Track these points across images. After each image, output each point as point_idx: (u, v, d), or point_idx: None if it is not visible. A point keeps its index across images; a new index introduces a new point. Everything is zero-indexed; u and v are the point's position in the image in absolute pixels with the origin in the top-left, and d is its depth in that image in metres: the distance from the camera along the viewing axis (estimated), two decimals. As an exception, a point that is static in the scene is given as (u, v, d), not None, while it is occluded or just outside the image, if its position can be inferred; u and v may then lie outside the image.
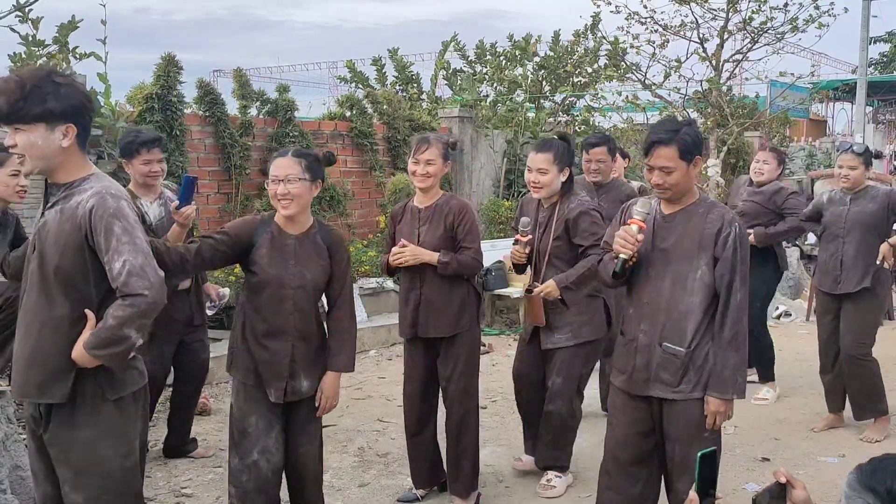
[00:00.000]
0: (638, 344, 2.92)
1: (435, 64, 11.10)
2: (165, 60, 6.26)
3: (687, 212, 2.87)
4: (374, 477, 4.13)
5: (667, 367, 2.85)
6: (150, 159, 3.95)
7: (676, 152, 2.78)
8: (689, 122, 2.88)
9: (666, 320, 2.85)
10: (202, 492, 3.91)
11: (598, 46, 10.30)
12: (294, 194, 2.89)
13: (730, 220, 2.81)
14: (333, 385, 3.03)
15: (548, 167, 3.68)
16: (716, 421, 2.82)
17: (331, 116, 8.23)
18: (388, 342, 6.82)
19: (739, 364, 2.81)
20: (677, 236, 2.86)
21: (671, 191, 2.82)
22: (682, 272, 2.83)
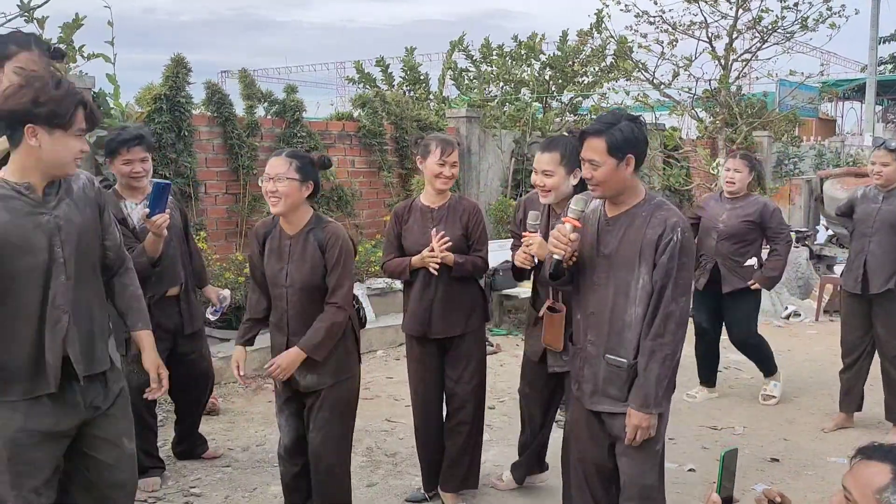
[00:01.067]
0: (586, 355, 2.79)
1: (442, 64, 11.10)
2: (174, 62, 6.26)
3: (629, 215, 2.69)
4: (382, 477, 4.13)
5: (613, 380, 2.71)
6: (130, 159, 3.73)
7: (605, 146, 2.59)
8: (633, 118, 2.67)
9: (610, 331, 2.70)
10: (211, 491, 3.92)
11: (605, 45, 10.28)
12: (282, 193, 3.01)
13: (672, 225, 2.59)
14: (288, 357, 3.07)
15: (554, 168, 3.33)
16: (637, 436, 2.64)
17: (339, 117, 8.24)
18: (395, 342, 6.82)
19: (661, 378, 2.61)
20: (619, 241, 2.68)
21: (600, 188, 2.65)
22: (624, 280, 2.67)
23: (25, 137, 2.26)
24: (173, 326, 3.94)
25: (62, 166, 2.34)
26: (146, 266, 3.61)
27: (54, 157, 2.31)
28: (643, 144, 2.67)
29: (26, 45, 3.42)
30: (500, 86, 10.24)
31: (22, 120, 2.24)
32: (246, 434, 4.73)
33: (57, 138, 2.28)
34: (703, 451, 4.53)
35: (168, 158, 6.09)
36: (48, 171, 2.34)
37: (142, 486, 3.87)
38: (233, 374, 3.33)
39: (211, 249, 6.36)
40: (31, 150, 2.27)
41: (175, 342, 3.96)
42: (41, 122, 2.25)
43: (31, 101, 2.23)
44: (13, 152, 2.31)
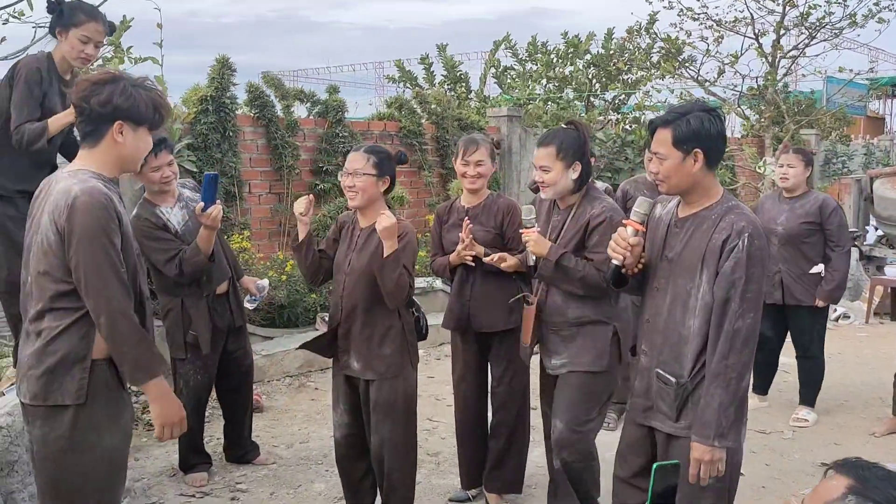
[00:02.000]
0: (640, 366, 2.63)
1: (484, 62, 11.08)
2: (219, 63, 6.35)
3: (699, 217, 2.47)
4: (425, 476, 4.13)
5: (663, 396, 2.51)
6: (158, 165, 3.68)
7: (670, 137, 2.41)
8: (707, 109, 2.46)
9: (664, 343, 2.51)
10: (256, 487, 3.96)
11: (653, 44, 10.16)
12: (359, 187, 3.12)
13: (739, 230, 2.35)
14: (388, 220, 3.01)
15: (550, 163, 3.07)
16: (700, 472, 2.37)
17: (380, 117, 8.27)
18: (436, 342, 6.82)
19: (726, 405, 2.34)
20: (683, 245, 2.48)
21: (665, 184, 2.47)
22: (683, 288, 2.46)
23: (112, 133, 2.28)
24: (226, 324, 3.95)
25: (136, 162, 2.39)
26: (204, 262, 3.64)
27: (135, 154, 2.35)
28: (716, 139, 2.44)
29: (94, 17, 3.60)
30: (543, 84, 10.18)
31: (112, 116, 2.26)
32: (289, 431, 4.77)
33: (140, 135, 2.32)
34: (751, 455, 4.45)
35: (213, 158, 6.17)
36: (124, 167, 2.38)
37: (189, 481, 3.94)
38: (276, 371, 3.36)
39: (254, 248, 6.43)
40: (114, 145, 2.30)
41: (227, 339, 3.99)
42: (131, 120, 2.28)
43: (126, 98, 2.26)
44: (90, 146, 2.31)
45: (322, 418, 4.91)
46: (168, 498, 3.84)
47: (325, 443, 4.45)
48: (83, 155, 2.33)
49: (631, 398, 2.69)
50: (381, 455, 3.22)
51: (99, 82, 2.28)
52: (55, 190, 2.25)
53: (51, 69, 3.65)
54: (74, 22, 3.58)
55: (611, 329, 3.09)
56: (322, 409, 5.07)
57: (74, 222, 2.17)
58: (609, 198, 3.20)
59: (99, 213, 2.19)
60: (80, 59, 3.66)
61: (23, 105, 3.54)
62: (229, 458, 4.22)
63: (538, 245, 3.03)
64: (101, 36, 3.65)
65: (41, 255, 2.24)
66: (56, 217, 2.20)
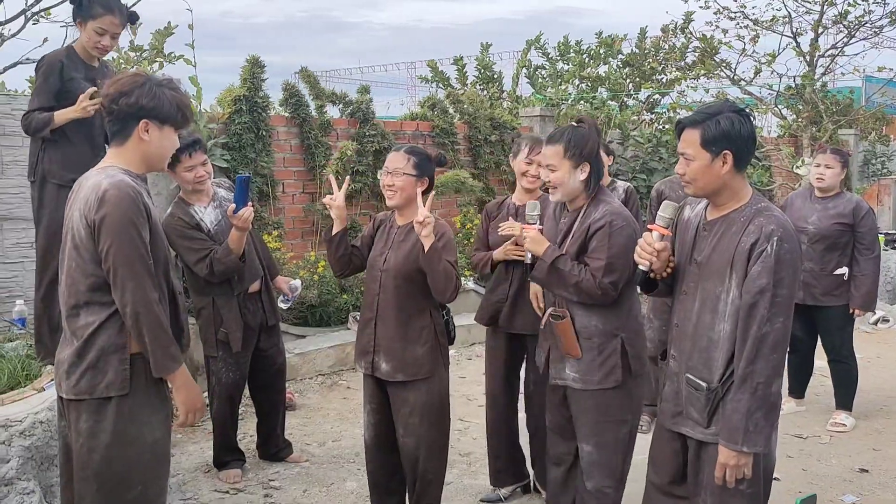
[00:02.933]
0: (668, 371, 2.58)
1: (517, 62, 11.04)
2: (250, 62, 6.40)
3: (727, 220, 2.43)
4: (457, 476, 4.13)
5: (693, 402, 2.47)
6: (192, 164, 3.70)
7: (699, 138, 2.36)
8: (738, 109, 2.41)
9: (693, 348, 2.47)
10: (289, 485, 3.99)
11: (688, 43, 10.05)
12: (398, 186, 3.15)
13: (769, 233, 2.30)
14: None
15: (557, 162, 2.91)
16: (726, 475, 2.36)
17: (412, 116, 8.28)
18: (467, 342, 6.82)
19: (752, 410, 2.31)
20: (712, 248, 2.43)
21: (692, 185, 2.43)
22: (712, 292, 2.42)
23: (138, 131, 2.34)
24: (259, 323, 3.97)
25: (163, 161, 2.44)
26: (236, 262, 3.67)
27: (160, 151, 2.40)
28: (746, 141, 2.38)
29: (110, 9, 3.68)
30: (575, 84, 10.12)
31: (137, 115, 2.33)
32: (321, 430, 4.79)
33: (165, 134, 2.38)
34: (787, 459, 4.38)
35: (247, 158, 6.22)
36: (150, 164, 2.43)
37: (223, 478, 3.98)
38: (309, 370, 3.37)
39: (286, 248, 6.48)
40: (140, 143, 2.36)
41: (259, 338, 4.00)
42: (156, 119, 2.34)
43: (151, 97, 2.33)
44: (118, 145, 2.38)
45: (354, 417, 4.93)
46: (203, 494, 3.88)
47: (356, 441, 4.46)
48: (111, 153, 2.40)
49: (660, 403, 2.65)
50: (416, 456, 3.21)
51: (126, 83, 2.35)
52: (85, 186, 2.31)
53: (75, 59, 3.76)
54: (91, 14, 3.68)
55: (619, 342, 2.90)
56: (354, 407, 5.09)
57: (104, 215, 2.23)
58: (617, 201, 3.02)
59: (127, 206, 2.24)
60: (97, 50, 3.75)
61: (36, 95, 3.75)
62: (262, 455, 4.25)
63: (535, 243, 2.93)
64: (117, 28, 3.73)
65: (73, 250, 2.30)
66: (86, 212, 2.26)
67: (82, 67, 3.71)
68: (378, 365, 3.20)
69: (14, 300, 5.04)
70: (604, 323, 2.90)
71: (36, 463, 3.19)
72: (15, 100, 5.30)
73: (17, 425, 3.14)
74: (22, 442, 3.13)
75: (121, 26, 3.74)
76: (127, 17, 3.77)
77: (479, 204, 8.22)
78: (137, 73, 2.43)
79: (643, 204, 7.85)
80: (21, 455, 3.11)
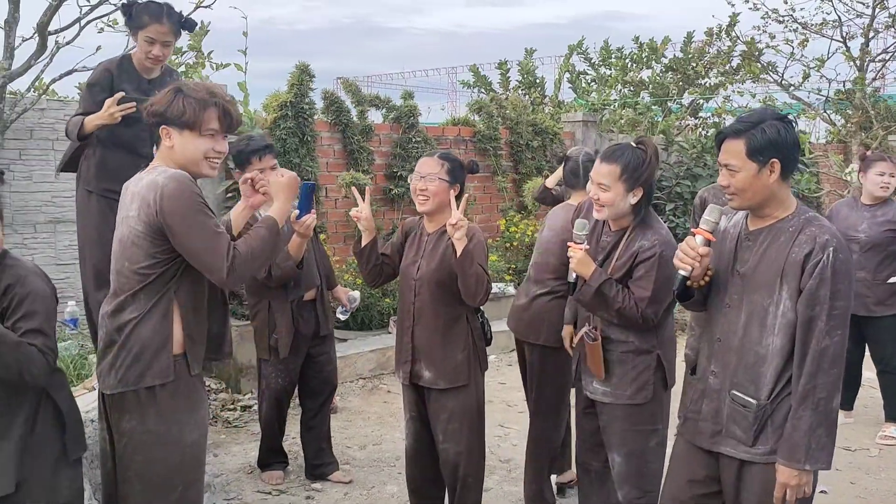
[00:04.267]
0: (707, 387, 2.46)
1: (559, 67, 11.01)
2: (299, 69, 6.49)
3: (774, 229, 2.34)
4: (497, 483, 4.13)
5: (737, 420, 2.36)
6: (262, 168, 3.64)
7: (744, 148, 2.28)
8: (781, 117, 2.34)
9: (739, 363, 2.37)
10: (330, 487, 4.03)
11: (733, 47, 9.90)
12: (430, 192, 3.15)
13: (823, 244, 2.22)
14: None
15: (611, 183, 2.82)
16: (786, 496, 2.26)
17: (454, 122, 8.31)
18: (508, 347, 6.80)
19: (816, 426, 2.22)
20: (758, 259, 2.34)
21: (738, 197, 2.34)
22: (760, 305, 2.31)
23: (164, 137, 2.44)
24: (311, 331, 3.94)
25: (194, 164, 2.46)
26: (292, 268, 3.67)
27: (186, 156, 2.45)
28: (792, 148, 2.31)
29: (158, 18, 3.63)
30: (618, 89, 10.05)
31: (158, 122, 2.43)
32: (362, 433, 4.83)
33: (188, 138, 2.43)
34: (835, 472, 4.28)
35: (292, 163, 6.30)
36: (185, 168, 2.46)
37: (266, 479, 4.03)
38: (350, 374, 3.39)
39: (329, 252, 6.54)
40: (167, 149, 2.45)
41: (310, 345, 3.98)
42: (173, 124, 2.42)
43: (164, 104, 2.42)
44: (158, 151, 2.49)
45: (394, 421, 4.96)
46: (246, 494, 3.94)
47: (397, 445, 4.48)
48: (157, 156, 2.51)
49: (694, 420, 2.50)
50: (457, 462, 3.21)
51: (160, 93, 2.45)
52: (142, 186, 2.38)
53: (128, 70, 3.73)
54: (140, 24, 3.62)
55: (654, 358, 2.89)
56: (394, 411, 5.11)
57: (169, 207, 2.30)
58: (665, 228, 2.94)
59: (189, 193, 2.33)
60: (149, 60, 3.70)
61: (81, 101, 3.79)
62: (307, 472, 4.11)
63: (582, 265, 2.83)
64: (166, 36, 3.67)
65: (127, 248, 2.37)
66: (146, 210, 2.32)
67: (135, 78, 3.68)
68: (419, 373, 3.20)
69: (66, 301, 5.17)
70: (641, 341, 2.90)
71: (86, 461, 3.25)
72: (67, 106, 5.46)
73: (69, 423, 3.21)
74: (73, 440, 3.20)
75: (171, 34, 3.68)
76: (179, 24, 3.72)
77: (521, 208, 8.21)
78: (172, 84, 2.51)
79: (686, 210, 7.76)
80: (72, 452, 3.18)
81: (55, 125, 5.40)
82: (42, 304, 2.34)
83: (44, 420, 2.39)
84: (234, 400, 5.33)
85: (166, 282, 2.36)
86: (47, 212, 5.40)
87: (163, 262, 2.35)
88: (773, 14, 9.57)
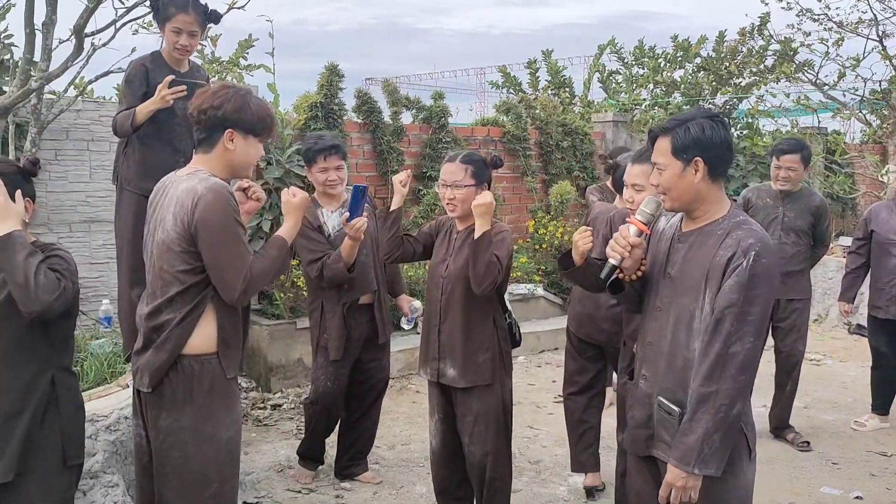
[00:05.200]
0: (638, 393, 2.41)
1: (589, 67, 10.94)
2: (328, 70, 6.52)
3: (703, 232, 2.28)
4: (526, 484, 4.11)
5: (665, 426, 2.29)
6: (327, 167, 3.75)
7: (669, 146, 2.25)
8: (712, 115, 2.29)
9: (668, 368, 2.30)
10: (360, 486, 4.03)
11: (767, 46, 9.77)
12: (459, 199, 3.14)
13: (746, 248, 2.15)
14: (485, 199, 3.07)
15: (644, 183, 2.83)
16: (671, 496, 2.20)
17: (483, 122, 8.30)
18: (536, 349, 6.79)
19: (711, 432, 2.14)
20: (686, 261, 2.29)
21: (667, 197, 2.29)
22: (687, 308, 2.26)
23: (223, 140, 2.44)
24: (364, 336, 3.87)
25: (247, 168, 2.53)
26: (343, 271, 3.62)
27: (244, 160, 2.49)
28: (719, 148, 2.25)
29: (184, 8, 3.67)
30: (649, 88, 9.96)
31: (223, 125, 2.42)
32: (391, 433, 4.83)
33: (250, 143, 2.47)
34: (871, 478, 4.21)
35: (322, 163, 6.32)
36: (234, 172, 2.52)
37: (296, 477, 4.05)
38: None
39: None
40: (225, 152, 2.45)
41: (362, 350, 3.90)
42: (241, 128, 2.43)
43: (235, 108, 2.42)
44: (204, 152, 2.48)
45: (423, 421, 4.95)
46: (276, 492, 3.96)
47: (425, 445, 4.46)
48: (197, 159, 2.50)
49: (630, 430, 2.47)
50: (483, 464, 3.21)
51: (214, 94, 2.44)
52: (179, 189, 2.40)
53: (160, 63, 3.77)
54: (166, 16, 3.67)
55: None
56: (422, 411, 5.11)
57: (204, 217, 2.32)
58: None
59: (226, 206, 2.35)
60: (177, 51, 3.73)
61: (122, 99, 3.81)
62: (336, 471, 4.09)
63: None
64: (192, 26, 3.70)
65: (164, 251, 2.39)
66: (181, 215, 2.34)
67: (168, 71, 3.73)
68: (444, 371, 3.21)
69: (100, 299, 5.24)
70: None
71: (120, 457, 3.30)
72: (103, 107, 5.53)
73: (104, 420, 3.27)
74: (107, 436, 3.25)
75: (197, 24, 3.72)
76: (204, 15, 3.75)
77: (548, 208, 8.17)
78: (225, 85, 2.52)
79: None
80: (106, 449, 3.23)
81: (90, 126, 5.48)
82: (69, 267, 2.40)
83: (51, 420, 2.42)
84: (264, 399, 5.37)
85: (203, 287, 2.39)
86: (82, 211, 5.48)
87: (196, 270, 2.37)
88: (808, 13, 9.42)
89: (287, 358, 5.62)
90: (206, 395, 2.40)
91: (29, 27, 4.19)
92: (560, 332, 7.00)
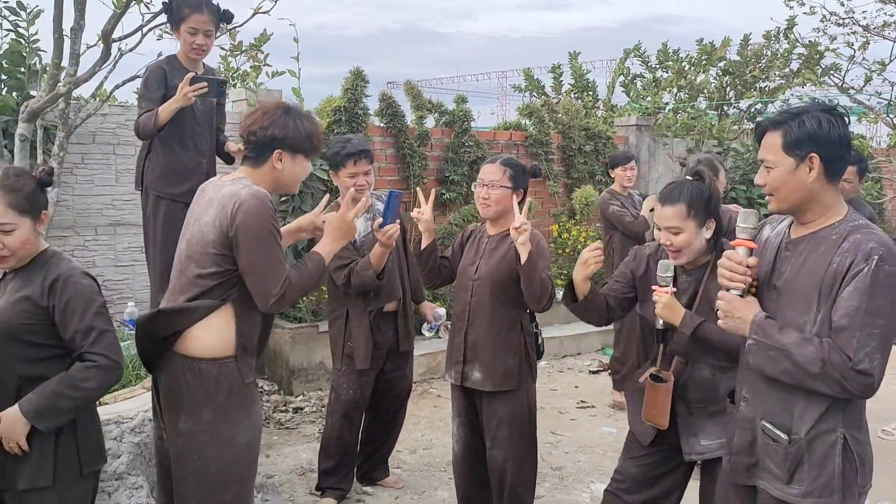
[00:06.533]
0: (738, 417, 2.20)
1: (613, 71, 10.89)
2: (353, 74, 6.53)
3: (816, 238, 2.05)
4: (548, 490, 4.09)
5: (770, 454, 2.09)
6: (356, 172, 3.66)
7: (780, 141, 2.02)
8: (829, 108, 2.05)
9: (770, 390, 2.08)
10: (381, 491, 4.04)
11: (792, 49, 9.68)
12: (494, 199, 3.17)
13: (867, 252, 1.92)
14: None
15: (680, 224, 2.62)
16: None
17: (506, 126, 8.28)
18: (559, 354, 6.76)
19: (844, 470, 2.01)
20: (796, 271, 2.06)
21: (774, 198, 2.07)
22: (795, 322, 2.02)
23: (272, 160, 2.47)
24: (389, 344, 3.81)
25: (294, 186, 2.58)
26: (372, 278, 3.54)
27: (292, 179, 2.53)
28: (837, 145, 2.01)
29: (198, 8, 3.72)
30: (673, 92, 9.90)
31: (272, 145, 2.45)
32: (412, 437, 4.83)
33: (298, 163, 2.50)
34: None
35: (345, 167, 6.34)
36: (279, 188, 2.55)
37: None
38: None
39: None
40: (273, 171, 2.48)
41: (386, 359, 3.84)
42: (289, 149, 2.46)
43: (284, 129, 2.45)
44: (252, 167, 2.50)
45: (444, 425, 4.94)
46: (298, 495, 3.97)
47: (447, 450, 4.46)
48: (244, 170, 2.51)
49: (729, 455, 2.26)
50: (504, 469, 3.20)
51: (263, 114, 2.47)
52: (221, 194, 2.41)
53: (176, 66, 3.80)
54: (181, 17, 3.71)
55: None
56: (444, 416, 5.10)
57: (244, 222, 2.33)
58: None
59: (267, 214, 2.37)
60: (193, 52, 3.76)
61: (140, 101, 3.85)
62: (358, 476, 4.03)
63: (669, 310, 2.59)
64: (207, 25, 3.74)
65: (195, 251, 2.40)
66: (222, 218, 2.36)
67: (185, 72, 3.73)
68: (469, 374, 3.20)
69: (126, 302, 5.28)
70: None
71: (144, 459, 3.32)
72: (128, 111, 5.58)
73: (129, 422, 3.28)
74: (132, 438, 3.27)
75: (211, 24, 3.76)
76: (218, 14, 3.79)
77: (571, 213, 8.14)
78: (278, 104, 2.54)
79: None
80: (131, 451, 3.25)
81: (116, 130, 5.53)
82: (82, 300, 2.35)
83: (70, 426, 2.41)
84: (286, 402, 5.39)
85: (224, 291, 2.40)
86: (108, 215, 5.53)
87: (225, 273, 2.38)
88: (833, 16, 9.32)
89: (309, 361, 5.63)
90: (225, 399, 2.41)
91: (57, 32, 4.24)
92: (582, 338, 6.98)
